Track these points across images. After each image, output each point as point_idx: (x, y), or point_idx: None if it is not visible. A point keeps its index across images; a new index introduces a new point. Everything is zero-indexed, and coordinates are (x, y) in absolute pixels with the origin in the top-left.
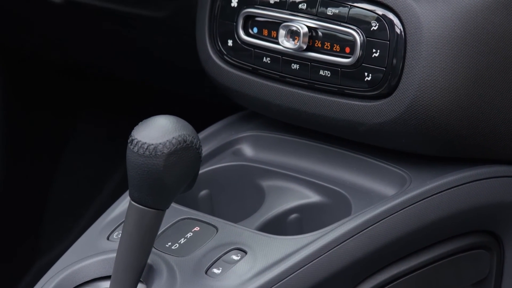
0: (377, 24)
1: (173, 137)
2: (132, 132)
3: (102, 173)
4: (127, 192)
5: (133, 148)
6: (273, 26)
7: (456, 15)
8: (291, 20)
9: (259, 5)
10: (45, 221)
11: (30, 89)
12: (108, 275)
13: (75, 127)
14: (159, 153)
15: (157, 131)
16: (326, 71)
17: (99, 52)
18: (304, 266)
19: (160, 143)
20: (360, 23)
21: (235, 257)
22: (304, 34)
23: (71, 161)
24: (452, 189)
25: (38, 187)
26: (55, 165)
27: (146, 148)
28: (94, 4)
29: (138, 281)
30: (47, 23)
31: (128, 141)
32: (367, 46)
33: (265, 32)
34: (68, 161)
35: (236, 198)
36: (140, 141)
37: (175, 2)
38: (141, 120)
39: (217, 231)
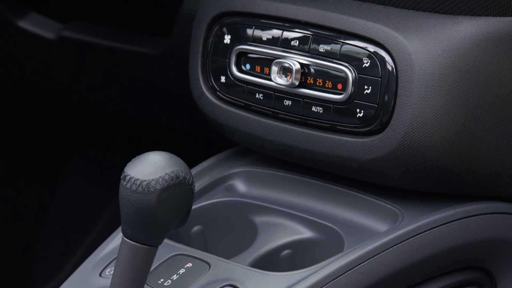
0: (369, 61)
1: (166, 173)
2: (125, 169)
3: (95, 209)
4: (119, 228)
5: (126, 184)
6: (266, 62)
7: (447, 53)
8: (283, 57)
9: (251, 42)
10: (37, 257)
11: (25, 119)
12: None
13: (66, 164)
14: (151, 189)
15: (150, 167)
16: (318, 108)
17: (92, 87)
18: None
19: (153, 179)
20: (352, 60)
21: None
22: (297, 70)
23: (63, 196)
24: (444, 225)
25: (28, 227)
26: (47, 200)
27: (139, 185)
28: (88, 40)
29: None
30: (40, 59)
31: (121, 177)
32: (359, 83)
33: (258, 68)
34: (60, 196)
35: (229, 234)
36: (133, 177)
37: (168, 38)
38: (135, 156)
39: (209, 267)
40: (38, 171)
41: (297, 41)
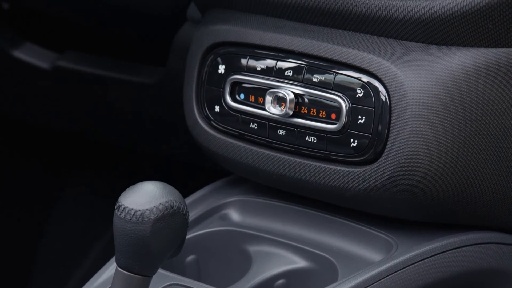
0: (363, 91)
1: (160, 203)
2: (119, 198)
3: (89, 239)
4: (113, 258)
5: (120, 214)
6: (260, 92)
7: (440, 83)
8: (277, 87)
9: (246, 71)
10: (31, 287)
11: (18, 148)
12: None
13: (60, 194)
14: (146, 219)
15: (144, 197)
16: (312, 137)
17: (86, 117)
18: None
19: (147, 209)
20: (345, 90)
21: None
22: (291, 100)
23: (56, 225)
24: (438, 255)
25: (21, 257)
26: (41, 229)
27: (133, 214)
28: (83, 70)
29: None
30: (35, 89)
31: (115, 207)
32: (352, 113)
33: (252, 98)
34: (54, 226)
35: (223, 264)
36: (127, 207)
37: (163, 68)
38: (129, 186)
39: None
40: (32, 200)
41: (291, 71)
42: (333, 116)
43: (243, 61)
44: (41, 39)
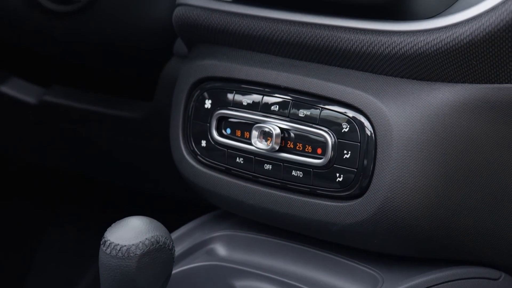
0: (348, 126)
1: (146, 238)
2: (105, 234)
3: (75, 274)
4: None
5: (105, 250)
6: (246, 127)
7: (424, 118)
8: (263, 122)
9: (232, 106)
10: None
11: (3, 184)
12: None
13: (46, 229)
14: (131, 255)
15: (130, 232)
16: (298, 172)
17: (73, 152)
18: None
19: (133, 244)
20: (331, 124)
21: None
22: (277, 135)
23: (42, 260)
24: None
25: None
26: (27, 265)
27: (119, 250)
28: (69, 105)
29: None
30: (21, 124)
31: (101, 242)
32: (338, 148)
33: (238, 133)
34: (39, 260)
35: None
36: (112, 242)
37: (150, 103)
38: (115, 221)
39: None
40: (17, 236)
41: (277, 106)
42: (319, 150)
43: (230, 96)
44: (27, 74)
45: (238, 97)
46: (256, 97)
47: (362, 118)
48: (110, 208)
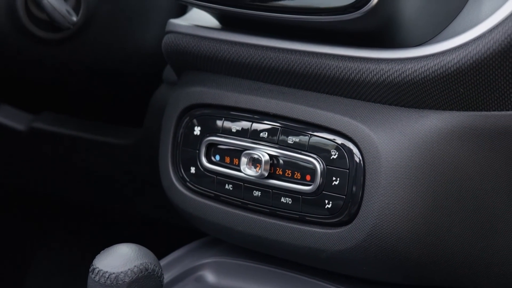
0: (337, 153)
1: (135, 266)
2: (93, 261)
3: None
4: None
5: (94, 277)
6: (235, 153)
7: (413, 146)
8: (252, 148)
9: (221, 133)
10: None
11: None
12: None
13: (34, 256)
14: (120, 282)
15: (119, 260)
16: (287, 198)
17: (62, 178)
18: None
19: (121, 272)
20: (320, 151)
21: None
22: (266, 162)
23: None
24: None
25: None
26: None
27: (108, 277)
28: (59, 132)
29: None
30: (11, 151)
31: (90, 270)
32: (327, 174)
33: (227, 159)
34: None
35: None
36: (101, 270)
37: (139, 129)
38: (104, 248)
39: None
40: (4, 262)
41: (266, 133)
42: (308, 177)
43: (219, 123)
44: (17, 101)
45: (227, 124)
46: (245, 124)
47: (350, 145)
48: (98, 235)
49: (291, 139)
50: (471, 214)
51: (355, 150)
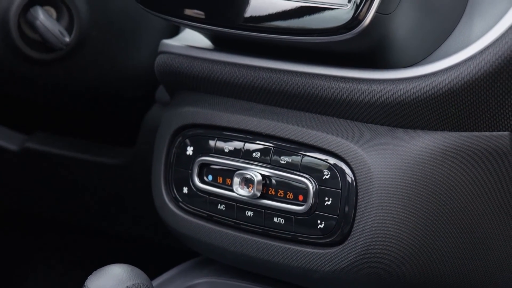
0: (329, 173)
1: (127, 286)
2: (85, 282)
3: None
4: None
5: None
6: (228, 173)
7: (405, 166)
8: (245, 168)
9: (214, 153)
10: None
11: None
12: None
13: (27, 274)
14: None
15: (111, 281)
16: (280, 218)
17: (55, 199)
18: None
19: None
20: (312, 171)
21: None
22: (258, 182)
23: None
24: None
25: None
26: None
27: None
28: (51, 152)
29: None
30: (3, 171)
31: None
32: (319, 194)
33: (220, 179)
34: None
35: None
36: None
37: (132, 149)
38: (96, 268)
39: None
40: None
41: (259, 153)
42: (300, 197)
43: (211, 143)
44: (9, 121)
45: (219, 144)
46: (238, 144)
47: (343, 165)
48: (91, 255)
49: (283, 159)
50: (463, 234)
51: (347, 170)
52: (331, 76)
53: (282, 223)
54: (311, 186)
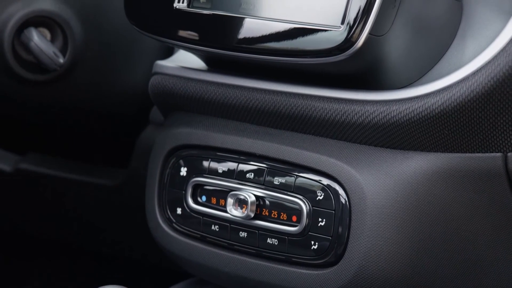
0: (323, 194)
1: None
2: None
3: None
4: None
5: None
6: (222, 194)
7: (398, 187)
8: (239, 189)
9: (207, 174)
10: None
11: None
12: None
13: None
14: None
15: None
16: (273, 239)
17: (49, 219)
18: None
19: None
20: (306, 192)
21: None
22: (252, 202)
23: None
24: None
25: None
26: None
27: None
28: (45, 173)
29: None
30: None
31: None
32: (313, 215)
33: (214, 200)
34: None
35: None
36: None
37: (125, 170)
38: None
39: None
40: None
41: (252, 174)
42: (294, 218)
43: (205, 164)
44: (2, 142)
45: (213, 165)
46: (232, 165)
47: (336, 186)
48: (85, 276)
49: (277, 180)
50: (456, 255)
51: (340, 191)
52: (324, 97)
53: (276, 244)
54: (304, 207)
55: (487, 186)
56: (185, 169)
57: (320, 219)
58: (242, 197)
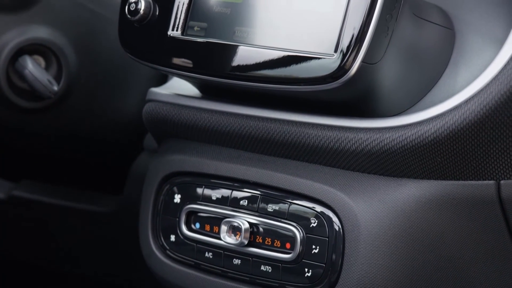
0: (316, 221)
1: None
2: None
3: None
4: None
5: None
6: (215, 221)
7: (391, 214)
8: (232, 216)
9: (201, 201)
10: None
11: None
12: None
13: None
14: None
15: None
16: (267, 267)
17: (42, 247)
18: None
19: None
20: (299, 219)
21: None
22: (246, 229)
23: None
24: None
25: None
26: None
27: None
28: (39, 200)
29: None
30: None
31: None
32: (307, 242)
33: (207, 227)
34: None
35: None
36: None
37: (119, 197)
38: None
39: None
40: None
41: (246, 201)
42: (288, 245)
43: (199, 191)
44: None
45: (207, 192)
46: (225, 192)
47: (330, 213)
48: None
49: (271, 207)
50: (450, 282)
51: (334, 218)
52: (317, 124)
53: (270, 271)
54: (298, 234)
55: (480, 213)
56: (179, 196)
57: (313, 246)
58: (236, 224)
